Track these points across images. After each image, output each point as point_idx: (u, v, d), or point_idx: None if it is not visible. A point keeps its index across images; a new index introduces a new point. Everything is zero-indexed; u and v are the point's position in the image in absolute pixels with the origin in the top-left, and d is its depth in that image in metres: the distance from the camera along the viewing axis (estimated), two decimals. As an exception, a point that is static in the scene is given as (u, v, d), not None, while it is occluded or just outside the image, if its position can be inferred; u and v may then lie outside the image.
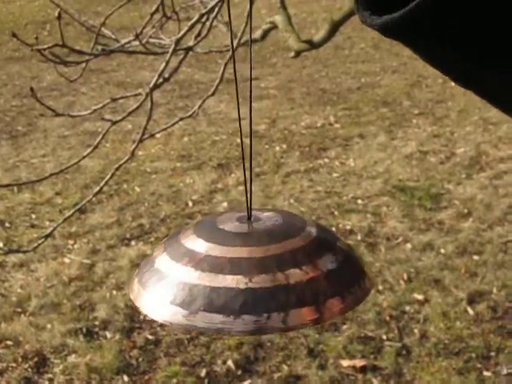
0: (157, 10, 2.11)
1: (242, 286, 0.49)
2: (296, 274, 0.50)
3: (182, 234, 0.55)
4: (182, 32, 1.69)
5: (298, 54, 2.52)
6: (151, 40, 2.30)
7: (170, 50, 1.64)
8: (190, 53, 1.94)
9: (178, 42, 1.69)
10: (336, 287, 0.51)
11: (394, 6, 0.47)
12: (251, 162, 0.58)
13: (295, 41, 2.45)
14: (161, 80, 1.72)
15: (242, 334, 0.48)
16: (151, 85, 1.69)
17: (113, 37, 2.34)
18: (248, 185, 0.57)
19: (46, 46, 1.72)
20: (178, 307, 0.50)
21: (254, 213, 0.56)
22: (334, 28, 2.41)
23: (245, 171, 0.57)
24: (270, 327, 0.48)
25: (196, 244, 0.53)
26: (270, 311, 0.48)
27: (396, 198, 3.99)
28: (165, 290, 0.51)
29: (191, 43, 1.91)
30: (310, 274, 0.50)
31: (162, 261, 0.53)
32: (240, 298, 0.49)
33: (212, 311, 0.49)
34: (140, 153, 4.67)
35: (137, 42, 1.96)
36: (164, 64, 1.67)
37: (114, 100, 1.81)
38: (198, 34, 1.83)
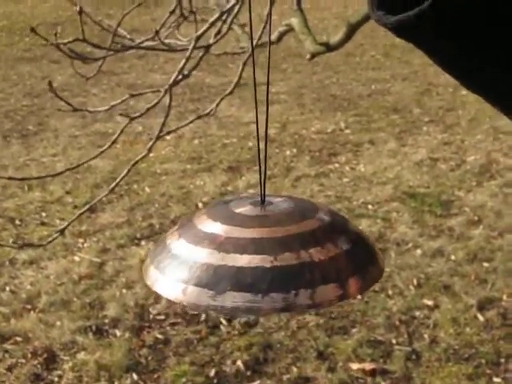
0: (174, 11, 2.12)
1: (268, 265, 0.49)
2: (319, 252, 0.51)
3: (196, 219, 0.55)
4: (202, 28, 1.70)
5: (313, 56, 2.52)
6: (167, 41, 2.31)
7: (191, 47, 1.65)
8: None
9: (198, 38, 1.70)
10: (355, 266, 0.52)
11: (408, 6, 0.47)
12: (266, 145, 0.59)
13: (312, 43, 2.45)
14: (180, 77, 1.73)
15: (270, 311, 0.48)
16: (171, 81, 1.70)
17: (128, 37, 2.35)
18: (263, 167, 0.58)
19: (66, 41, 1.72)
20: (204, 288, 0.49)
21: (266, 198, 0.57)
22: (352, 31, 2.41)
23: (259, 154, 0.58)
24: (298, 304, 0.48)
25: (214, 227, 0.53)
26: (297, 288, 0.49)
27: (406, 204, 3.99)
28: (187, 273, 0.50)
29: (208, 42, 1.92)
30: (331, 253, 0.51)
31: (180, 246, 0.53)
32: (267, 277, 0.49)
33: (240, 290, 0.48)
34: (150, 154, 4.67)
35: (152, 42, 1.97)
36: (184, 60, 1.67)
37: (132, 96, 1.81)
38: (218, 32, 1.83)
